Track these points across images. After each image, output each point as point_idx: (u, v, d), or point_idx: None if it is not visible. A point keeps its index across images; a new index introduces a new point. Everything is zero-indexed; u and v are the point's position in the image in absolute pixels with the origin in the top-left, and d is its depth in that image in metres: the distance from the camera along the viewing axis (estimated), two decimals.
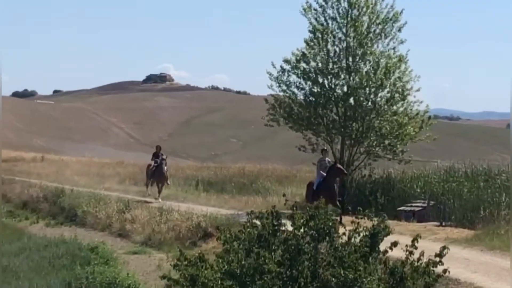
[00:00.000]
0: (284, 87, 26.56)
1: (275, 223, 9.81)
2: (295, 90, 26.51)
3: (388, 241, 9.83)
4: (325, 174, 21.47)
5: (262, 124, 28.18)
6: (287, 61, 26.33)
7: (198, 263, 9.67)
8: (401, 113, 25.85)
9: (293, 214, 9.80)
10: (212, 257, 10.21)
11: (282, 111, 26.60)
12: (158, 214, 23.45)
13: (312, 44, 26.19)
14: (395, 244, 9.70)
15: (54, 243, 20.71)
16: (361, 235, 9.71)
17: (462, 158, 30.76)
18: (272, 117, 26.87)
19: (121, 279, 15.62)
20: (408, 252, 9.70)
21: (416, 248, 9.74)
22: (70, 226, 26.46)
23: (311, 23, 26.18)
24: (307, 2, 26.23)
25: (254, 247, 9.62)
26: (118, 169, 43.72)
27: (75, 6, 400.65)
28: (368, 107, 25.83)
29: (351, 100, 25.99)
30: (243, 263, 9.44)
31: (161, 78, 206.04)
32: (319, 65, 26.12)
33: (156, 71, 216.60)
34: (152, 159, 29.68)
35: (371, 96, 25.81)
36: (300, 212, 9.86)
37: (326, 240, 9.63)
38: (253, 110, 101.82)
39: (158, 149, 30.11)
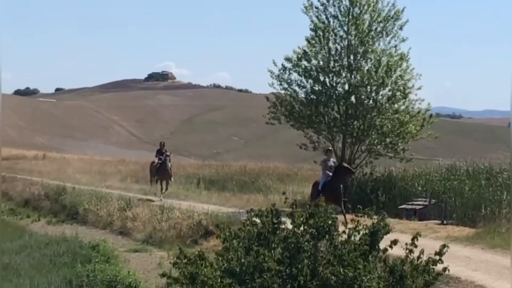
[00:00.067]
0: (286, 85, 26.55)
1: (274, 221, 9.80)
2: (297, 88, 26.52)
3: (389, 239, 9.82)
4: (331, 174, 21.08)
5: (264, 122, 28.15)
6: (289, 59, 26.31)
7: (198, 261, 9.67)
8: (402, 111, 25.83)
9: (292, 212, 9.79)
10: (212, 255, 10.20)
11: (283, 109, 26.58)
12: (159, 212, 23.45)
13: (313, 42, 26.17)
14: (395, 242, 9.69)
15: (55, 241, 20.72)
16: (360, 233, 9.70)
17: (464, 156, 30.78)
18: (273, 115, 26.85)
19: (122, 277, 15.62)
20: (408, 251, 9.69)
21: (416, 246, 9.73)
22: (71, 224, 26.46)
23: (312, 21, 26.17)
24: (308, 0, 26.22)
25: (254, 245, 9.62)
26: (120, 167, 43.74)
27: (77, 4, 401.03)
28: (370, 105, 25.80)
29: (353, 98, 25.98)
30: (242, 261, 9.45)
31: (163, 76, 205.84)
32: (321, 63, 26.10)
33: (158, 69, 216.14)
34: (156, 156, 29.63)
35: (373, 94, 25.79)
36: (299, 210, 9.85)
37: (325, 238, 9.62)
38: (255, 108, 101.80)
39: (162, 145, 30.06)
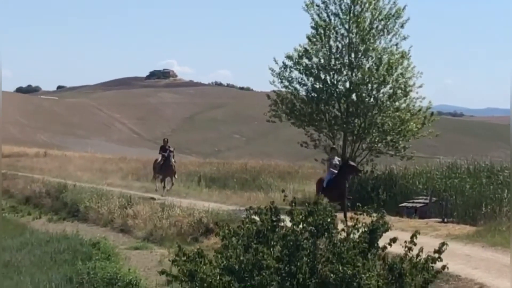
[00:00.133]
0: (287, 83, 26.60)
1: (274, 219, 9.79)
2: (297, 86, 26.57)
3: (389, 237, 9.81)
4: (335, 171, 21.10)
5: (265, 120, 28.20)
6: (290, 57, 26.34)
7: (197, 259, 9.68)
8: (403, 109, 25.85)
9: (292, 210, 9.79)
10: (213, 253, 10.20)
11: (284, 107, 26.61)
12: (160, 209, 23.45)
13: (314, 40, 26.18)
14: (394, 240, 9.69)
15: (56, 238, 20.69)
16: (360, 231, 9.70)
17: (465, 154, 30.72)
18: (274, 113, 26.89)
19: (122, 274, 15.60)
20: (407, 248, 9.69)
21: (415, 244, 9.72)
22: (72, 222, 26.45)
23: (313, 19, 26.18)
24: None
25: (253, 243, 9.61)
26: (121, 164, 43.80)
27: (79, 2, 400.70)
28: (371, 103, 25.82)
29: (354, 96, 26.00)
30: (241, 258, 9.44)
31: (164, 74, 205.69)
32: (322, 61, 26.11)
33: (159, 67, 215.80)
34: (159, 152, 29.68)
35: (374, 92, 25.81)
36: (299, 208, 9.86)
37: (324, 236, 9.62)
38: (256, 106, 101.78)
39: (166, 141, 30.19)
